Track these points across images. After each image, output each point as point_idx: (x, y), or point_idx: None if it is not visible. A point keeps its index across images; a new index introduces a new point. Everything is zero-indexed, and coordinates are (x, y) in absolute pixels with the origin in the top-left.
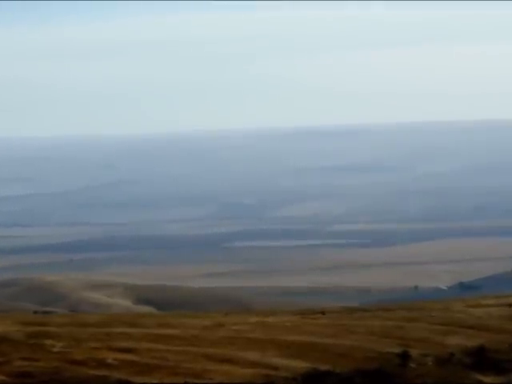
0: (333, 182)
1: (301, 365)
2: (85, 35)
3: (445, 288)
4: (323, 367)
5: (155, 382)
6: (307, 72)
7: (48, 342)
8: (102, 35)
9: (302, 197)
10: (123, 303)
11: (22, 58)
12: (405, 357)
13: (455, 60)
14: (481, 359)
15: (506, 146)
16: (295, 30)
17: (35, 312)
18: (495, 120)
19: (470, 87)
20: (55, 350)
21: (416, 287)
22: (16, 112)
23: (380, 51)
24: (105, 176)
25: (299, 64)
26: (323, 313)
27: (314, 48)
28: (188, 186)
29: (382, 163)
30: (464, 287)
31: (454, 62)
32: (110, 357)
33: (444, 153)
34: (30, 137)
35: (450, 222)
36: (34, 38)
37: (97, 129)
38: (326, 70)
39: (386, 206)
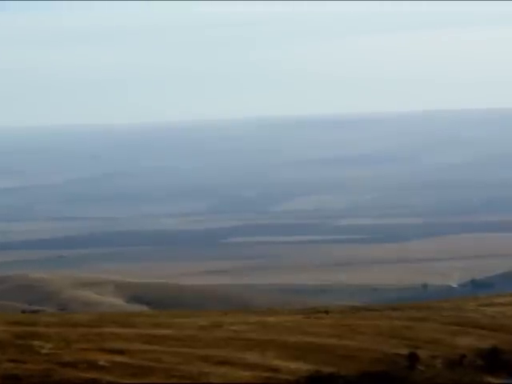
0: (336, 174)
1: (303, 367)
2: (77, 21)
3: (455, 286)
4: (327, 370)
5: None
6: (308, 59)
7: (36, 342)
8: (93, 20)
9: (304, 190)
10: (115, 302)
11: (6, 45)
12: (413, 359)
13: (464, 46)
14: (493, 361)
15: None
16: (295, 17)
17: (23, 311)
18: (507, 109)
19: (480, 74)
20: (44, 351)
21: (425, 285)
22: None
23: (383, 37)
24: (96, 168)
25: (299, 51)
26: (327, 312)
27: (315, 34)
28: (184, 179)
29: (386, 154)
30: (476, 285)
31: (463, 48)
32: (102, 358)
33: (451, 143)
34: (14, 127)
35: (460, 216)
36: (19, 24)
37: (85, 118)
38: (327, 57)
39: (392, 199)
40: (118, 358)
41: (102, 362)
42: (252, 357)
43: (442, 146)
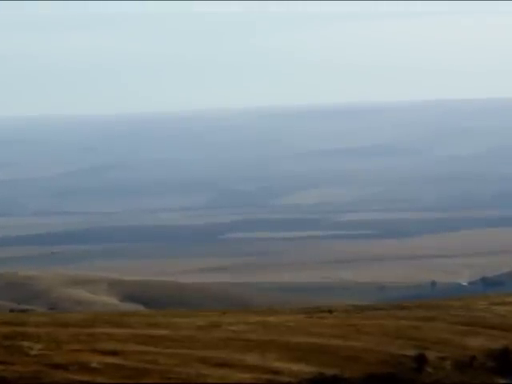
0: (340, 166)
1: (305, 369)
2: (64, 5)
3: (465, 284)
4: (330, 372)
5: None
6: (307, 48)
7: (25, 343)
8: (91, 8)
9: (307, 183)
10: (108, 301)
11: (2, 32)
12: (421, 360)
13: (464, 34)
14: (505, 362)
15: None
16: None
17: (11, 310)
18: (508, 98)
19: (495, 62)
20: (33, 352)
21: (434, 283)
22: None
23: (393, 21)
24: (87, 160)
25: (299, 39)
26: (331, 311)
27: (314, 22)
28: (181, 172)
29: (395, 146)
30: (487, 283)
31: (463, 36)
32: (94, 360)
33: (464, 134)
34: (6, 116)
35: (471, 210)
36: (9, 9)
37: (81, 108)
38: (331, 42)
39: (400, 193)
40: (111, 360)
41: (94, 364)
42: (252, 358)
43: (444, 138)
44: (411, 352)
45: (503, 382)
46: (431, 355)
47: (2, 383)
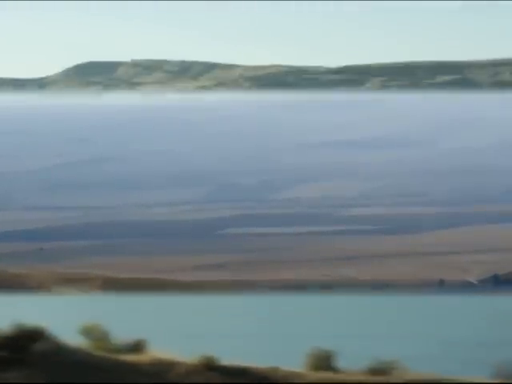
0: (344, 159)
1: None
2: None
3: (476, 282)
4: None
5: None
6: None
7: None
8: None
9: (310, 176)
10: None
11: None
12: None
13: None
14: None
15: None
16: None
17: None
18: None
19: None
20: None
21: (442, 281)
22: None
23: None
24: (79, 152)
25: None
26: None
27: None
28: (177, 164)
29: (400, 137)
30: (499, 282)
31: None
32: None
33: (475, 125)
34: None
35: (481, 205)
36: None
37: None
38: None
39: (406, 187)
40: None
41: None
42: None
43: (469, 128)
44: None
45: None
46: None
47: None
